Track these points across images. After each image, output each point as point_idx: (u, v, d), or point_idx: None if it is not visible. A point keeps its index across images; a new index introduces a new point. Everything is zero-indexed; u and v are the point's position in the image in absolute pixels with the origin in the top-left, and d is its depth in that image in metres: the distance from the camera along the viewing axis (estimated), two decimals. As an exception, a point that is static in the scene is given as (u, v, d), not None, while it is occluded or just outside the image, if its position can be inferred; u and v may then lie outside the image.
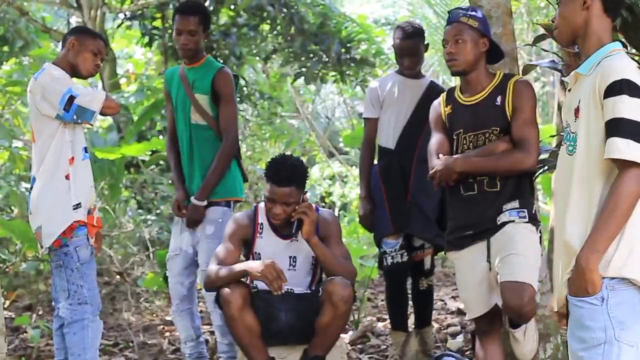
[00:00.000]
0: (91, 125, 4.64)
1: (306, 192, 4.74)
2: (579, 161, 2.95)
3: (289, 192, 4.55)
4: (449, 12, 4.30)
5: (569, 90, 3.10)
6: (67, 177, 4.54)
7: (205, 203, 5.06)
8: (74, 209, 4.53)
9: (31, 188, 4.68)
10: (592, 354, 2.86)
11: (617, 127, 2.82)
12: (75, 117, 4.52)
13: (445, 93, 4.38)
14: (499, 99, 4.11)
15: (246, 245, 4.79)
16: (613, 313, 2.83)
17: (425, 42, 5.45)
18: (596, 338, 2.85)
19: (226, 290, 4.50)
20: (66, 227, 4.52)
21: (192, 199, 5.06)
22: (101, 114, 4.64)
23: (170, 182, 8.84)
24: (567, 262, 2.95)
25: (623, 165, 2.80)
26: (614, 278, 2.85)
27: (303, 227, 4.56)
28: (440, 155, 4.17)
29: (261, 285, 4.63)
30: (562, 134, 3.18)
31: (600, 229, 2.82)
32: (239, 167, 5.27)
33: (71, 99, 4.50)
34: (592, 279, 2.83)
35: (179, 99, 5.22)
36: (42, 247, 4.61)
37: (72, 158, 4.57)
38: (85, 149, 4.67)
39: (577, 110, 2.98)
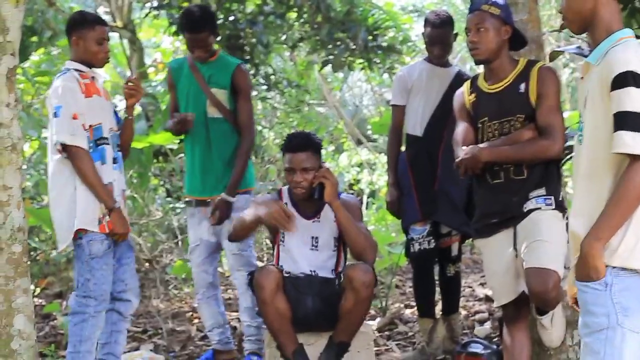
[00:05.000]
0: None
1: (324, 162, 4.76)
2: (585, 153, 2.96)
3: (306, 157, 4.61)
4: (471, 0, 4.29)
5: (582, 78, 3.07)
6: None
7: (235, 199, 5.11)
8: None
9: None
10: (594, 340, 2.87)
11: (623, 121, 2.80)
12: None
13: (469, 81, 4.37)
14: (522, 86, 4.09)
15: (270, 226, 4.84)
16: (617, 299, 2.83)
17: (454, 32, 5.46)
18: (599, 323, 2.85)
19: (260, 274, 4.54)
20: (73, 234, 4.48)
21: (223, 195, 5.11)
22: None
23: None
24: (575, 249, 2.96)
25: (633, 158, 2.79)
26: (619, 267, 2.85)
27: (325, 190, 4.58)
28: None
29: (290, 269, 4.70)
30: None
31: (605, 217, 2.82)
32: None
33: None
34: (595, 265, 2.83)
35: (192, 92, 5.27)
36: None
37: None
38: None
39: (585, 101, 2.97)
